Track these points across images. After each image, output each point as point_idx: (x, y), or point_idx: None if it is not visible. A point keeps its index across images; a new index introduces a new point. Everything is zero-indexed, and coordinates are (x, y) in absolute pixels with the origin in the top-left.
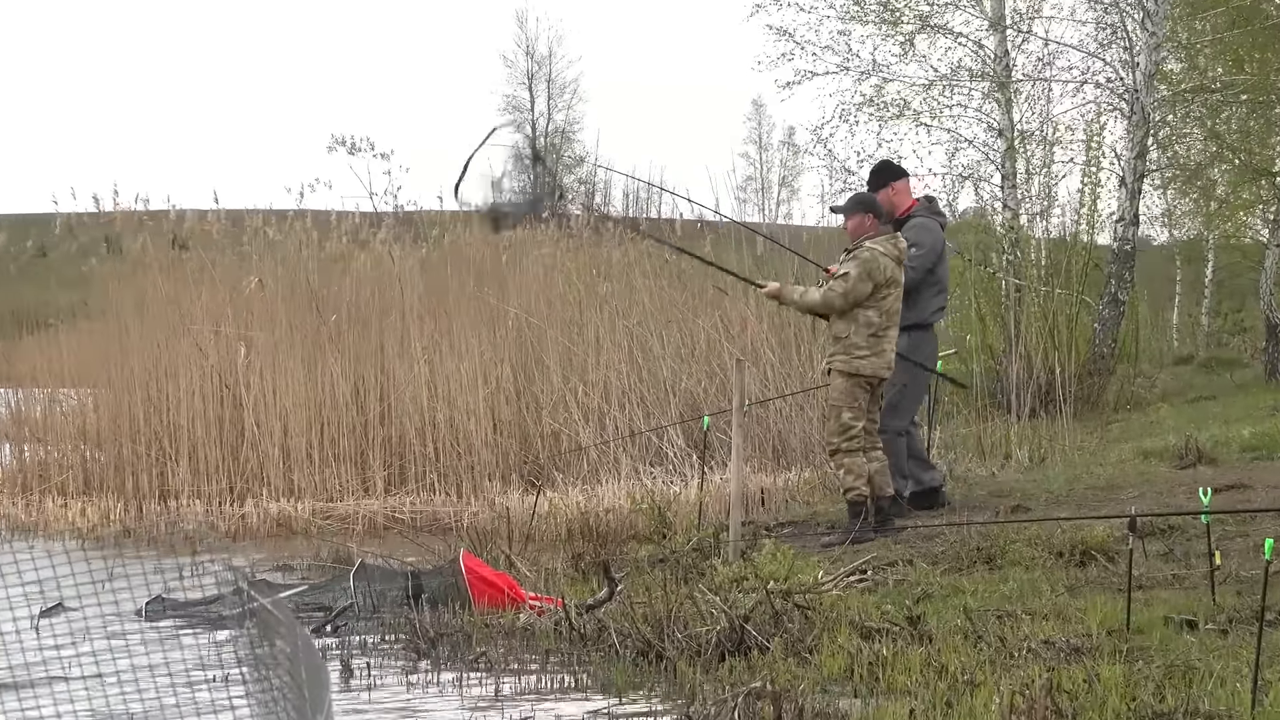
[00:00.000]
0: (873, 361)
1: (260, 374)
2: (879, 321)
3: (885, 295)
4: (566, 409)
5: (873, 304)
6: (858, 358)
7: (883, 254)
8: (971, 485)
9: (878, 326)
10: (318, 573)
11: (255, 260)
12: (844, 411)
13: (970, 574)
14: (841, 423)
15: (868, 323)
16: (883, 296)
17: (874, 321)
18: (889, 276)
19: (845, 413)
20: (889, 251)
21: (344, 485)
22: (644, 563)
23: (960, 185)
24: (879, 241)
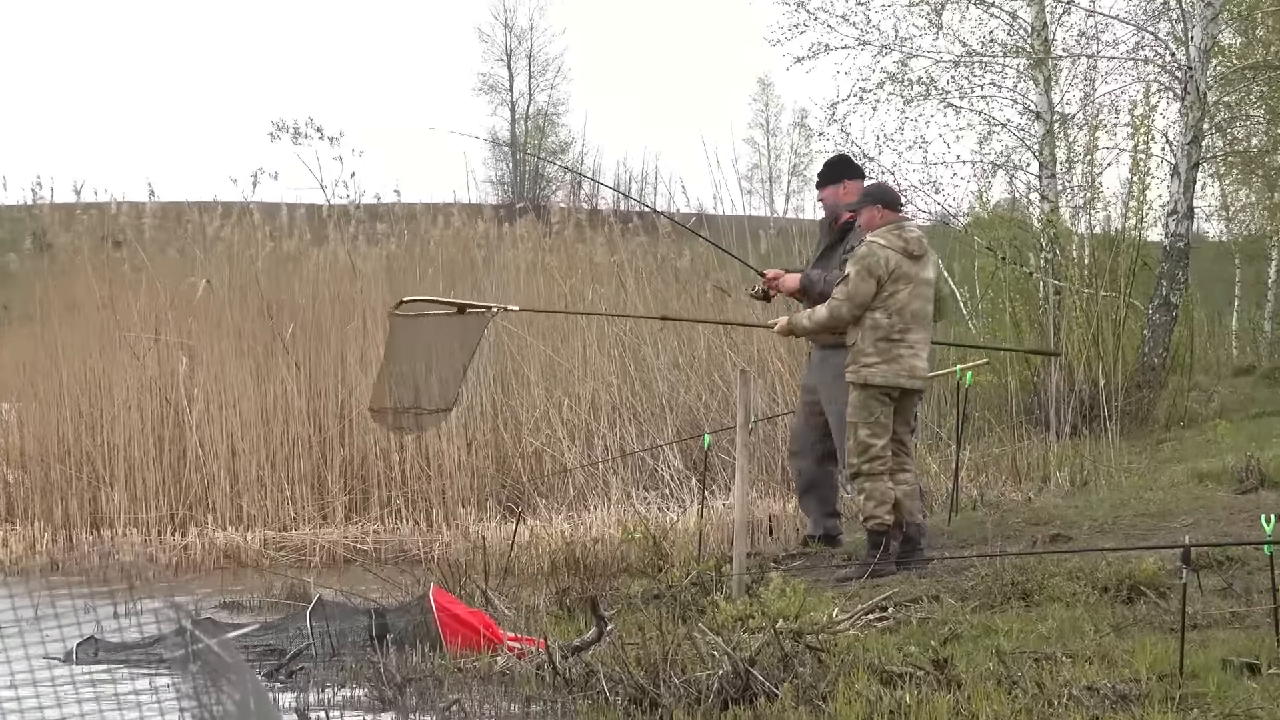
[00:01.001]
0: (884, 370)
1: (205, 387)
2: (888, 324)
3: (892, 293)
4: (550, 426)
5: (879, 305)
6: (866, 366)
7: (884, 246)
8: (1005, 512)
9: (887, 330)
10: (270, 611)
11: (199, 259)
12: (860, 429)
13: (1004, 611)
14: (859, 441)
15: (874, 326)
16: (889, 295)
17: (882, 324)
18: (894, 271)
19: (861, 430)
20: (892, 243)
21: (299, 512)
22: (637, 599)
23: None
24: (880, 233)
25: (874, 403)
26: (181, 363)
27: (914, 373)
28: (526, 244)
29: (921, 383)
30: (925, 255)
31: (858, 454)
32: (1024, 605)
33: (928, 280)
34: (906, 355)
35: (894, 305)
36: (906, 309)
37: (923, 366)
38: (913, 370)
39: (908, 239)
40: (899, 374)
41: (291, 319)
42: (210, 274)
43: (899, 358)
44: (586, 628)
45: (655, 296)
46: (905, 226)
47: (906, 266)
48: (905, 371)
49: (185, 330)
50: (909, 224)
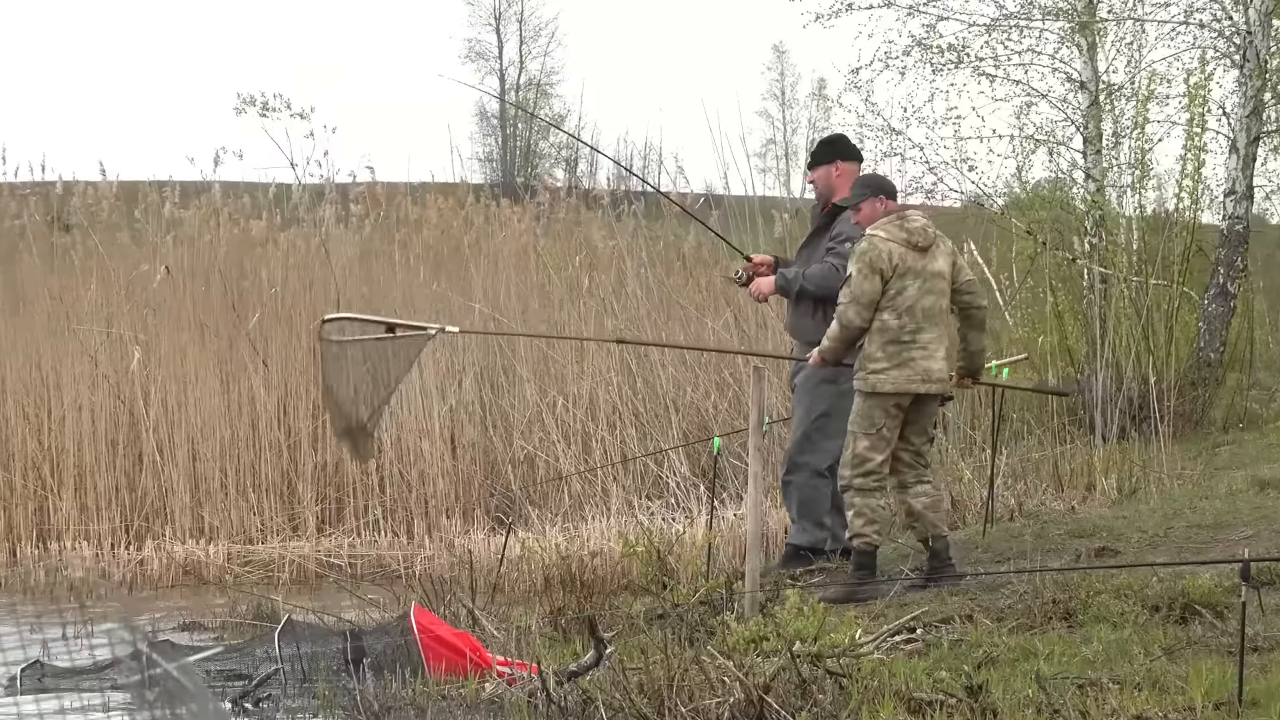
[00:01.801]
0: (894, 375)
1: (163, 385)
2: (897, 325)
3: (899, 290)
4: (543, 429)
5: (886, 304)
6: (875, 373)
7: (885, 239)
8: (1046, 523)
9: (896, 331)
10: (234, 632)
11: (156, 244)
12: (859, 440)
13: (1044, 633)
14: (856, 454)
15: (882, 328)
16: (896, 293)
17: (890, 326)
18: (898, 266)
19: (860, 441)
20: (894, 236)
21: (267, 523)
22: (639, 619)
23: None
24: (880, 225)
25: (879, 413)
26: (136, 358)
27: (929, 375)
28: (517, 227)
29: (938, 385)
30: (933, 245)
31: (852, 466)
32: (1066, 626)
33: (938, 273)
34: (919, 358)
35: (902, 304)
36: (916, 306)
37: (939, 368)
38: (927, 373)
39: (911, 229)
40: (911, 379)
41: (258, 310)
42: (168, 260)
43: (910, 361)
44: (584, 651)
45: (659, 285)
46: (908, 216)
47: (912, 260)
48: (919, 375)
49: (141, 322)
50: (912, 213)
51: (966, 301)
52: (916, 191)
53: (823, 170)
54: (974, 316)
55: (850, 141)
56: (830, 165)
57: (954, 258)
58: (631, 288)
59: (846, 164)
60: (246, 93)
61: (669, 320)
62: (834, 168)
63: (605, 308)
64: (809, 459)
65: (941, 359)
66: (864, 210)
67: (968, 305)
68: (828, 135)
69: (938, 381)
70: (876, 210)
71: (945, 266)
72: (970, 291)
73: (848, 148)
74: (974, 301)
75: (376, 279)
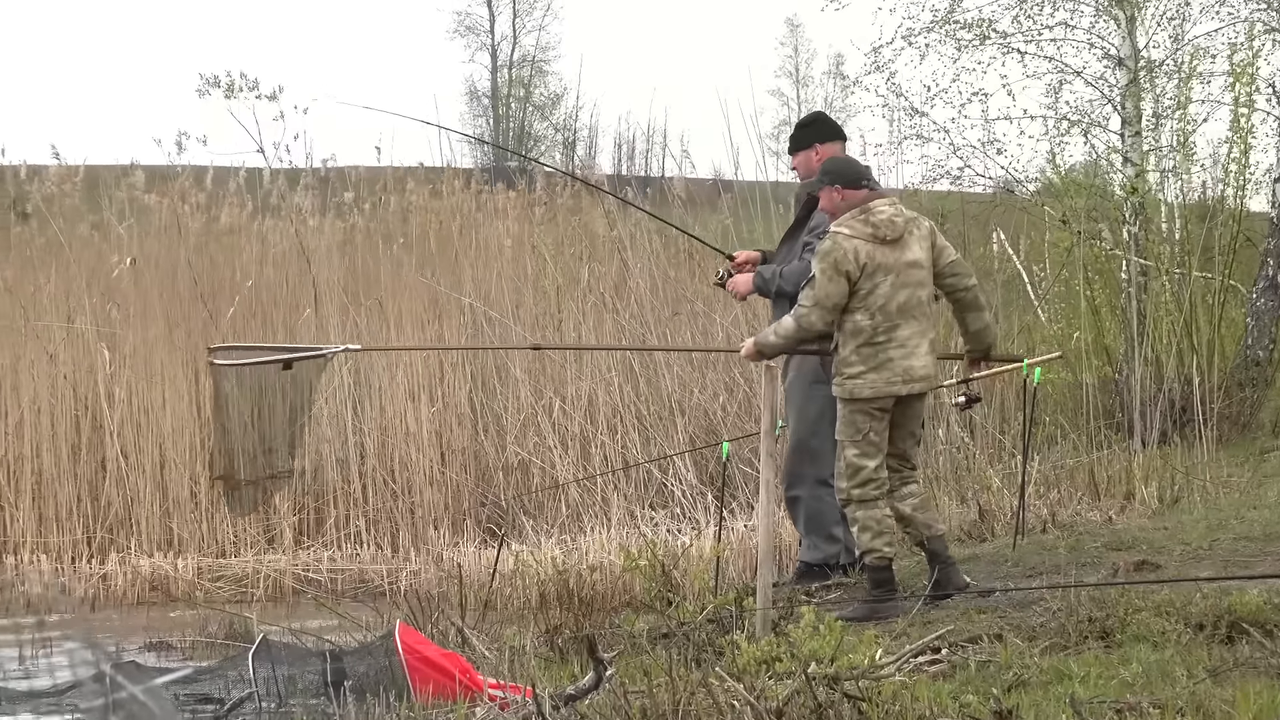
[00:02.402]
0: (872, 379)
1: (128, 385)
2: (870, 325)
3: (870, 290)
4: (539, 433)
5: (858, 305)
6: (851, 378)
7: (849, 236)
8: (1081, 534)
9: (870, 332)
10: (205, 653)
11: (120, 233)
12: (848, 449)
13: (1079, 653)
14: (848, 464)
15: (855, 330)
16: (867, 292)
17: (863, 327)
18: (865, 264)
19: (849, 450)
20: (858, 231)
21: (240, 535)
22: (642, 639)
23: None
24: (844, 221)
25: (862, 418)
26: (101, 356)
27: (909, 374)
28: (510, 214)
29: (922, 384)
30: (904, 235)
31: (847, 477)
32: (1103, 646)
33: (913, 263)
34: (898, 357)
35: (875, 302)
36: (891, 303)
37: (921, 365)
38: (908, 372)
39: (876, 222)
40: (890, 381)
41: (231, 304)
42: (133, 250)
43: (888, 362)
44: (582, 673)
45: (664, 278)
46: (872, 208)
47: (882, 255)
48: (898, 376)
49: (104, 317)
50: (878, 204)
51: (952, 285)
52: (942, 177)
53: (802, 156)
54: (964, 299)
55: (830, 120)
56: (809, 150)
57: (932, 239)
58: (634, 281)
59: (827, 145)
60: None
61: (675, 317)
62: (813, 152)
63: (605, 303)
64: (809, 469)
65: (925, 355)
66: (822, 200)
67: (954, 288)
68: (805, 116)
69: (921, 380)
70: (834, 200)
71: (921, 254)
72: (954, 274)
73: (827, 128)
74: (960, 284)
75: (357, 273)
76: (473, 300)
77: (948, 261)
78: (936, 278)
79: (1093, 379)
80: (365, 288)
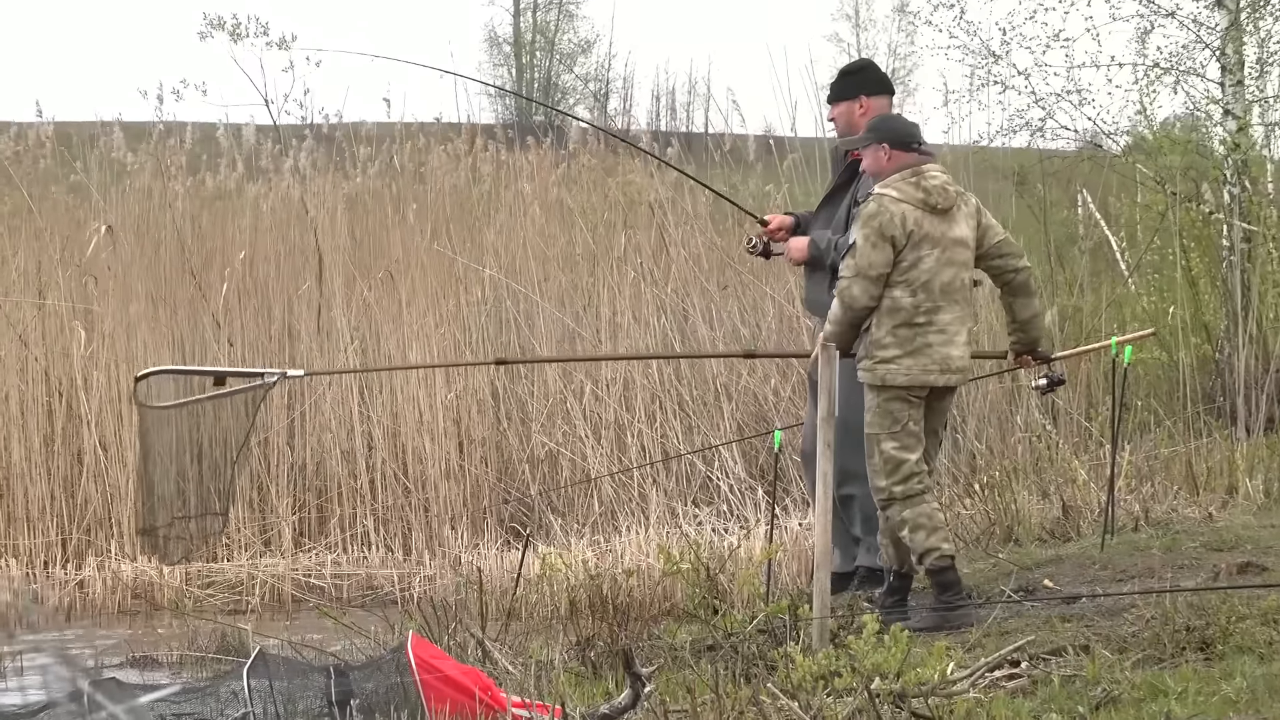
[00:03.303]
0: (908, 365)
1: (107, 370)
2: (910, 303)
3: (914, 262)
4: (568, 421)
5: (898, 279)
6: (884, 362)
7: (896, 199)
8: (1178, 533)
9: (910, 311)
10: (194, 668)
11: (97, 198)
12: (883, 442)
13: (1176, 666)
14: (886, 458)
15: (893, 308)
16: (910, 265)
17: (903, 305)
18: (912, 232)
19: (886, 443)
20: (907, 195)
21: (233, 537)
22: (685, 651)
23: (1157, 82)
24: (891, 183)
25: (898, 406)
26: (76, 336)
27: (947, 364)
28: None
29: (958, 377)
30: (955, 207)
31: (887, 474)
32: (1203, 658)
33: (959, 240)
34: (937, 343)
35: (917, 278)
36: (934, 281)
37: (959, 354)
38: (945, 361)
39: (929, 187)
40: (927, 369)
41: (224, 278)
42: (113, 217)
43: (926, 348)
44: (618, 690)
45: (707, 247)
46: (925, 171)
47: (930, 225)
48: (936, 364)
49: (81, 293)
50: (930, 168)
51: (1000, 266)
52: (1022, 128)
53: (844, 107)
54: (1015, 282)
55: (879, 70)
56: (853, 101)
57: (979, 218)
58: (676, 249)
59: (874, 99)
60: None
61: (724, 288)
62: (857, 104)
63: (644, 274)
64: (864, 463)
65: (963, 344)
66: (866, 158)
67: (1003, 270)
68: (851, 63)
69: (957, 372)
70: (880, 161)
71: (968, 232)
72: (1003, 254)
73: (875, 78)
74: (1010, 265)
75: (364, 241)
76: (494, 270)
77: (995, 240)
78: (982, 259)
79: (1190, 359)
80: (374, 258)
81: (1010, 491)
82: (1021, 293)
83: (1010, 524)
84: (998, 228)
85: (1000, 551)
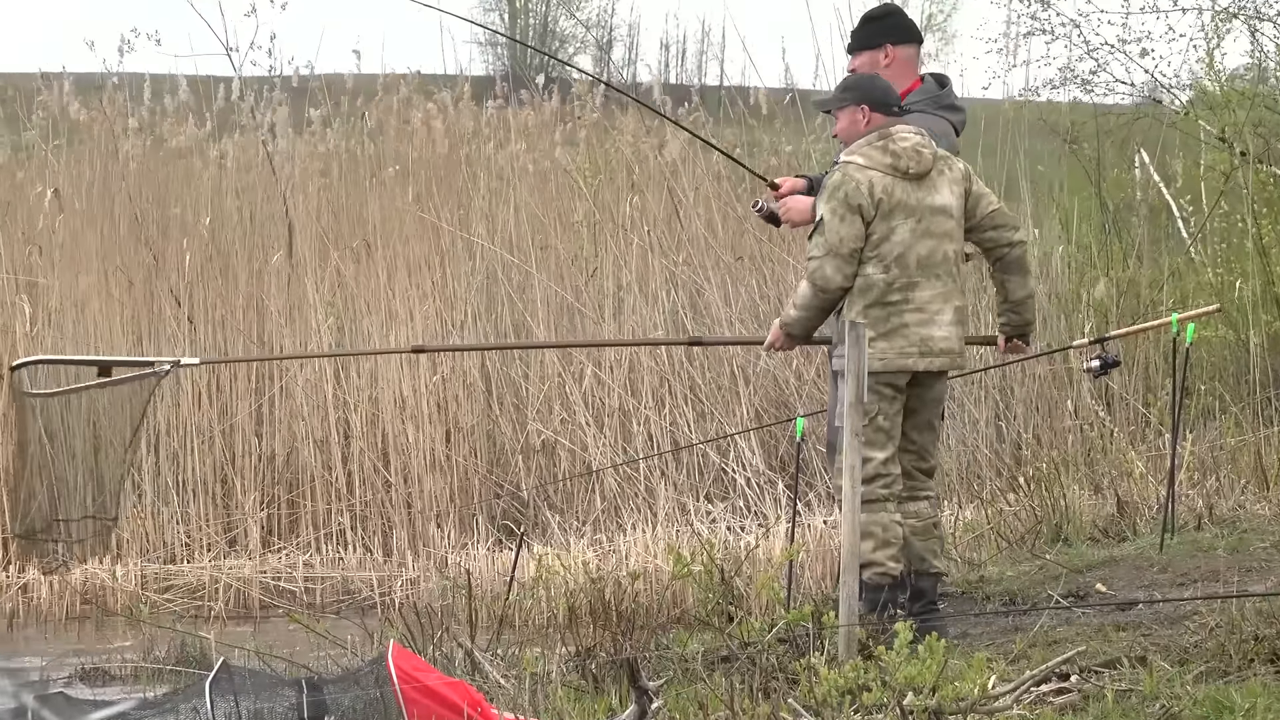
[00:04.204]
0: (882, 348)
1: (56, 348)
2: (883, 279)
3: (885, 235)
4: (567, 407)
5: (869, 253)
6: None
7: (861, 166)
8: (1245, 532)
9: (882, 289)
10: (152, 681)
11: (45, 159)
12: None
13: (1243, 679)
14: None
15: (865, 285)
16: (881, 237)
17: (875, 282)
18: (881, 201)
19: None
20: (874, 161)
21: (194, 536)
22: (696, 662)
23: (1224, 29)
24: (858, 149)
25: (869, 398)
26: (20, 312)
27: (928, 346)
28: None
29: (944, 359)
30: (931, 171)
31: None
32: (1273, 670)
33: (940, 208)
34: (914, 323)
35: (890, 251)
36: (910, 254)
37: (943, 335)
38: (925, 343)
39: (897, 150)
40: (905, 351)
41: (183, 247)
42: (58, 180)
43: (902, 328)
44: (622, 705)
45: (723, 215)
46: (892, 134)
47: (902, 191)
48: (914, 346)
49: (24, 264)
50: (900, 129)
51: (994, 239)
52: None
53: (867, 57)
54: (1009, 257)
55: (907, 17)
56: (877, 50)
57: (966, 184)
58: (687, 216)
59: (900, 48)
60: None
61: (739, 259)
62: (882, 53)
63: (652, 244)
64: None
65: (949, 323)
66: (841, 122)
67: (997, 243)
68: (874, 9)
69: (942, 354)
70: (857, 124)
71: (952, 200)
72: (997, 225)
73: (903, 25)
74: (1004, 238)
75: (342, 204)
76: (484, 240)
77: (988, 211)
78: (974, 231)
79: (1260, 338)
80: (350, 226)
81: (1059, 486)
82: (1015, 269)
83: (1059, 522)
84: (991, 196)
85: (1048, 552)
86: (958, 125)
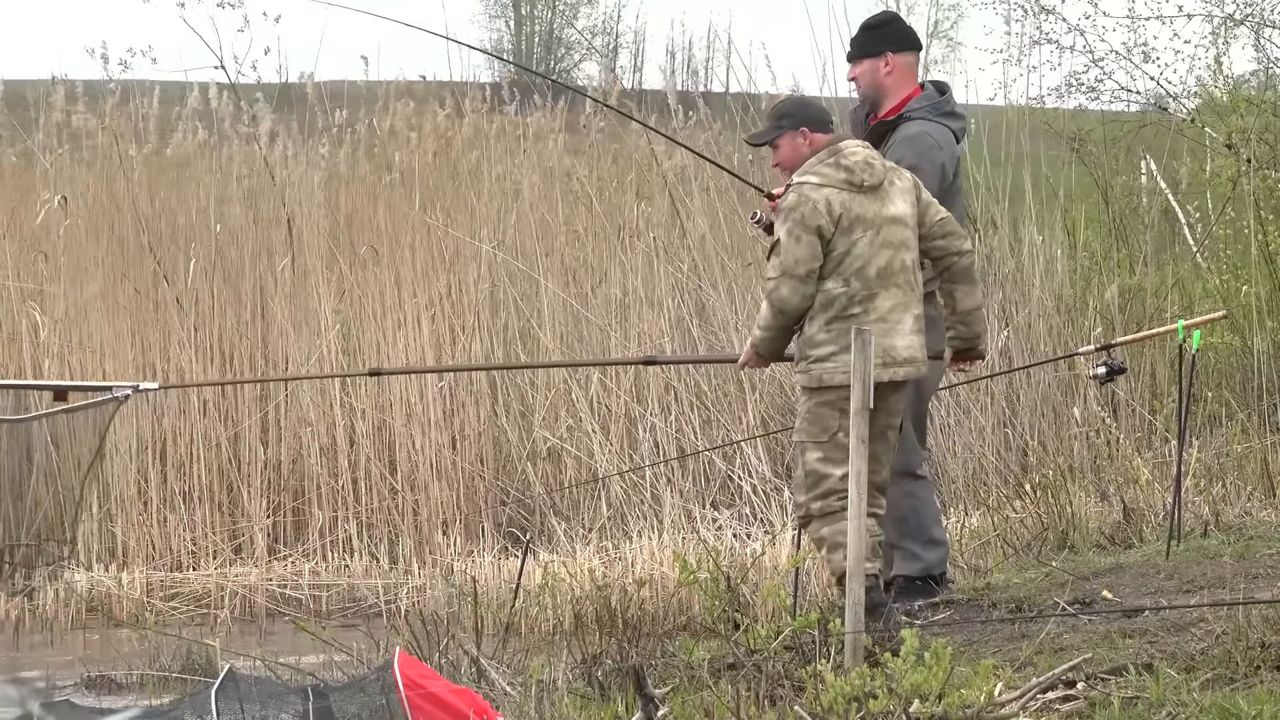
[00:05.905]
0: (845, 361)
1: (61, 356)
2: (844, 293)
3: (847, 249)
4: (573, 414)
5: (831, 269)
6: (818, 360)
7: (816, 185)
8: (1252, 539)
9: (843, 302)
10: (157, 689)
11: (49, 165)
12: (808, 451)
13: (1250, 686)
14: (808, 471)
15: (826, 300)
16: (843, 252)
17: (836, 296)
18: (840, 217)
19: (811, 453)
20: (828, 178)
21: (200, 543)
22: (703, 669)
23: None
24: (810, 168)
25: (831, 415)
26: (28, 320)
27: (889, 356)
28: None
29: (907, 369)
30: (884, 183)
31: (806, 488)
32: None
33: (896, 218)
34: (877, 334)
35: (851, 265)
36: (870, 266)
37: (904, 344)
38: (887, 353)
39: (850, 165)
40: None
41: (188, 255)
42: (65, 187)
43: None
44: (628, 713)
45: (729, 223)
46: (842, 149)
47: (859, 206)
48: (877, 357)
49: (29, 272)
50: (848, 144)
51: (943, 248)
52: (1075, 89)
53: (868, 65)
54: (957, 266)
55: (905, 24)
56: (877, 58)
57: (916, 193)
58: (693, 224)
59: (900, 56)
60: None
61: (747, 265)
62: (883, 61)
63: (658, 250)
64: (895, 460)
65: (910, 332)
66: (782, 149)
67: (945, 252)
68: (874, 16)
69: (904, 363)
70: (798, 148)
71: (906, 209)
72: (945, 234)
73: (902, 32)
74: (952, 247)
75: (348, 211)
76: (491, 247)
77: (937, 219)
78: (923, 240)
79: (1266, 344)
80: (356, 232)
81: (1065, 492)
82: (964, 279)
83: (1065, 529)
84: (938, 206)
85: (1054, 559)
86: (958, 132)
